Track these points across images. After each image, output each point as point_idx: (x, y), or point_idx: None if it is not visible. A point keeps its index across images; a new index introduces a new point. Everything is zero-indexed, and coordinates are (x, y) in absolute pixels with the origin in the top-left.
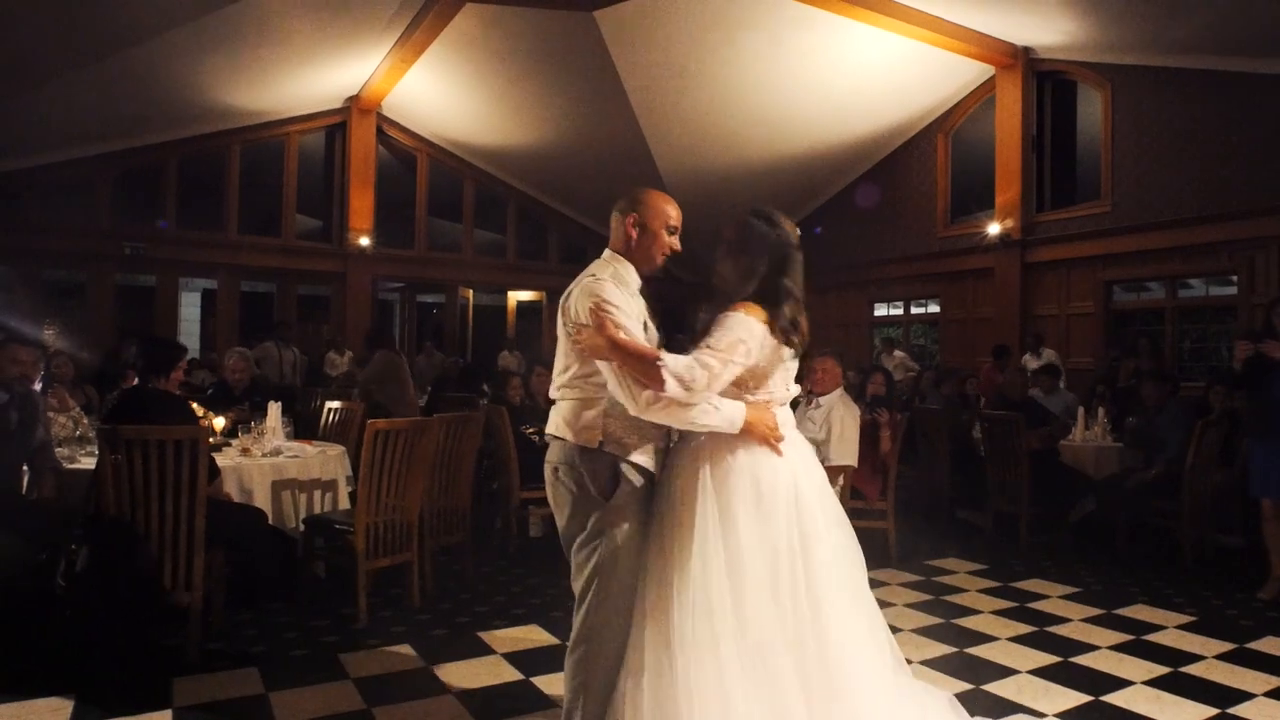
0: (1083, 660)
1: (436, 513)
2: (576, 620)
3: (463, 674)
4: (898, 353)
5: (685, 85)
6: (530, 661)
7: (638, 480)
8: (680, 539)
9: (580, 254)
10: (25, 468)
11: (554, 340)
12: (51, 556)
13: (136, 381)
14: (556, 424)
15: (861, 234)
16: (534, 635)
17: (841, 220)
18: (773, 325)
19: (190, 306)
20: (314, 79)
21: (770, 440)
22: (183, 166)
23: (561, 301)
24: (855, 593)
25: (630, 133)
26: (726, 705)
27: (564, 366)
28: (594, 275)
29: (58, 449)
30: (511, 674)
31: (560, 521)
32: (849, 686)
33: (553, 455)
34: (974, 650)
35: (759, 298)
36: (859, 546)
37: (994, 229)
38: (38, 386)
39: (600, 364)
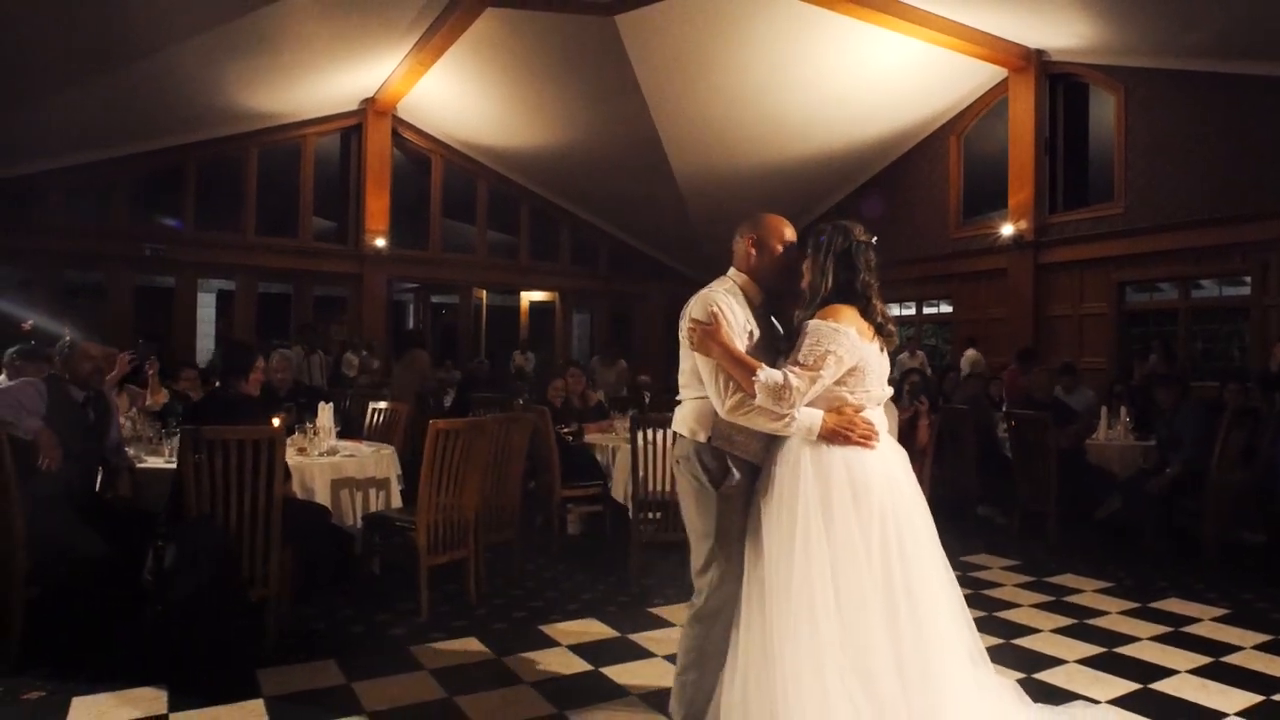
0: (1126, 651)
1: (488, 510)
2: (697, 600)
3: (534, 665)
4: (919, 353)
5: (701, 88)
6: (596, 652)
7: (743, 468)
8: (780, 535)
9: (592, 254)
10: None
11: (566, 341)
12: (136, 553)
13: (219, 384)
14: (678, 421)
15: (874, 233)
16: (593, 629)
17: (855, 220)
18: (864, 323)
19: (206, 308)
20: (331, 82)
21: (855, 440)
22: (201, 169)
23: (683, 310)
24: (945, 586)
25: (645, 135)
26: (825, 703)
27: (684, 370)
28: (712, 288)
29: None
30: (580, 664)
31: (683, 510)
32: (942, 683)
33: (676, 450)
34: (1020, 641)
35: (845, 297)
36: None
37: (1007, 230)
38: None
39: (700, 364)
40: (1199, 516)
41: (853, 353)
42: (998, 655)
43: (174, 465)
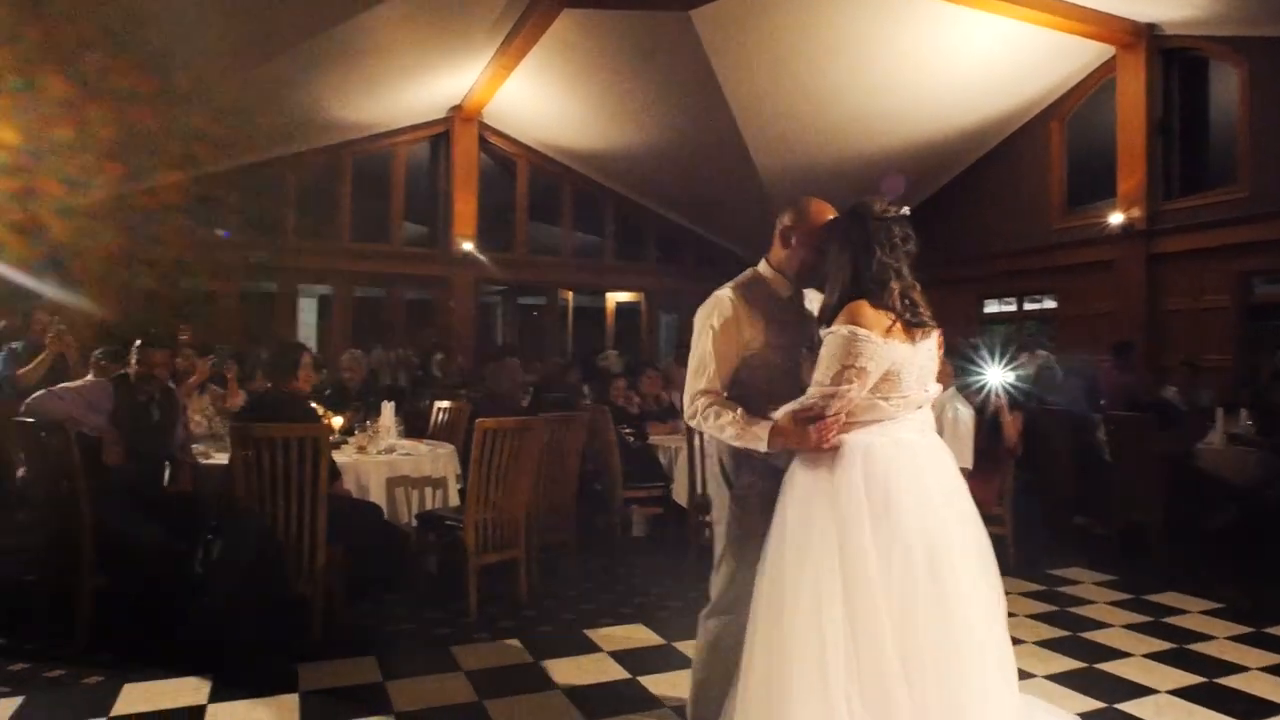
0: (1231, 682)
1: (541, 511)
2: (711, 595)
3: (571, 671)
4: (1040, 352)
5: (783, 80)
6: (637, 660)
7: (762, 471)
8: (791, 546)
9: (677, 254)
10: (166, 462)
11: (653, 341)
12: (190, 546)
13: (270, 385)
14: None
15: (969, 227)
16: (640, 635)
17: (948, 213)
18: (885, 318)
19: (308, 312)
20: (419, 91)
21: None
22: (300, 178)
23: None
24: (986, 604)
25: (727, 130)
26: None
27: None
28: (727, 286)
29: (194, 445)
30: (619, 672)
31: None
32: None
33: (708, 445)
34: (1105, 666)
35: (863, 289)
36: (993, 555)
37: (1116, 219)
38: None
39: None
40: None
41: (879, 360)
42: (1077, 681)
43: None
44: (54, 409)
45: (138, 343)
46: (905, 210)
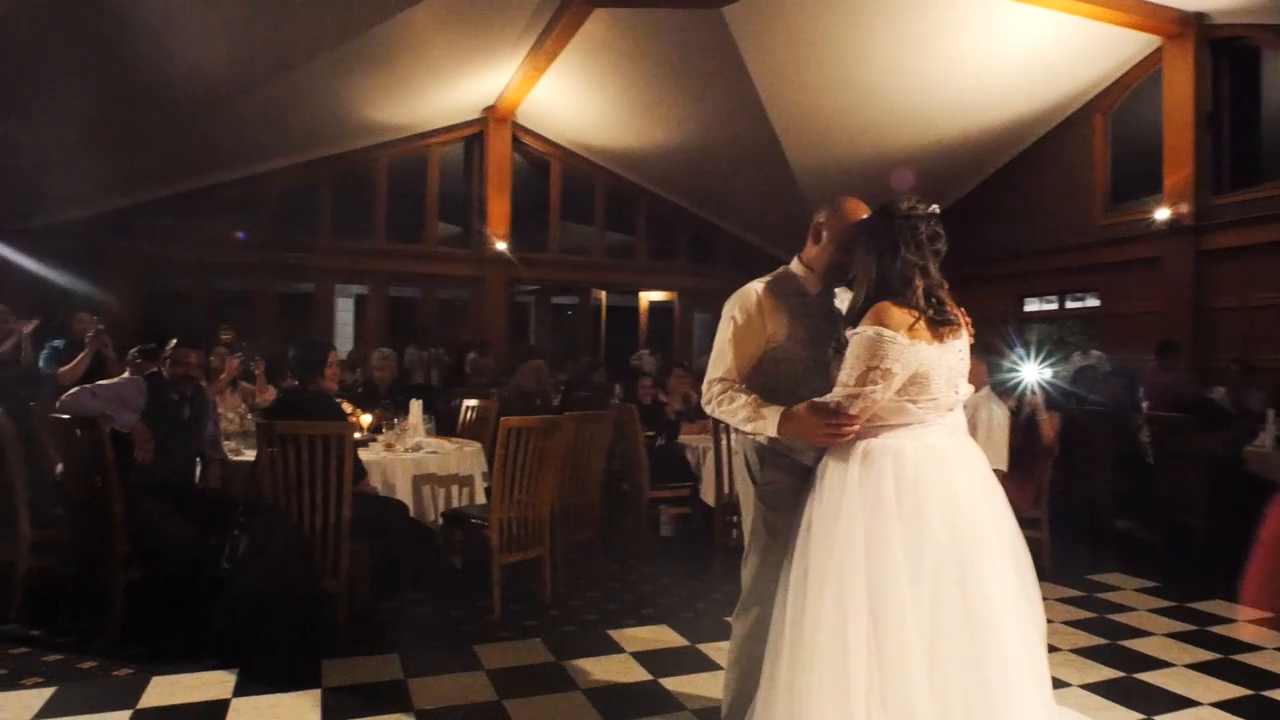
0: (1279, 695)
1: (567, 509)
2: (742, 591)
3: (592, 671)
4: (1094, 352)
5: (816, 76)
6: (660, 662)
7: (788, 469)
8: (814, 549)
9: (710, 253)
10: (198, 459)
11: (686, 340)
12: (219, 542)
13: (297, 383)
14: None
15: (1009, 223)
16: (664, 636)
17: (987, 210)
18: (909, 317)
19: (345, 311)
20: (452, 92)
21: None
22: (336, 180)
23: None
24: (1020, 614)
25: (760, 128)
26: None
27: None
28: (760, 280)
29: (225, 442)
30: (641, 674)
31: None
32: None
33: (734, 442)
34: (1145, 676)
35: (888, 289)
36: (1030, 562)
37: (1162, 214)
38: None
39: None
40: None
41: (905, 361)
42: (1116, 691)
43: None
44: (88, 406)
45: (173, 342)
46: (934, 208)
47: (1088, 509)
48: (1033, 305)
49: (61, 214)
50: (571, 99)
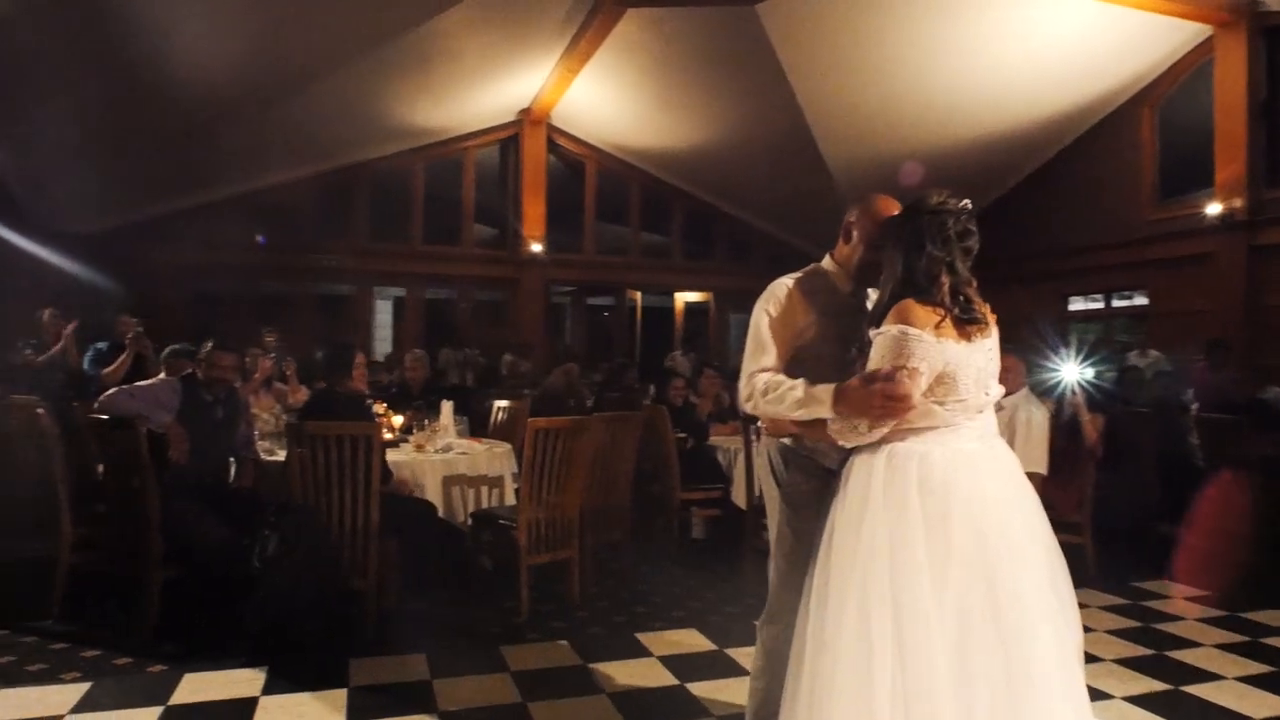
0: None
1: (596, 511)
2: (768, 596)
3: (618, 675)
4: (1153, 352)
5: (853, 72)
6: (686, 666)
7: (812, 472)
8: (836, 558)
9: (747, 253)
10: (231, 459)
11: (722, 341)
12: (250, 541)
13: (324, 384)
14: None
15: (1053, 220)
16: (691, 639)
17: (1031, 206)
18: (934, 315)
19: (384, 313)
20: (488, 96)
21: (886, 413)
22: (373, 184)
23: None
24: (1054, 626)
25: (796, 127)
26: None
27: None
28: (790, 275)
29: (260, 442)
30: (667, 678)
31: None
32: None
33: (760, 444)
34: (1192, 689)
35: (913, 287)
36: (1066, 572)
37: (1213, 209)
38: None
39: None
40: None
41: (932, 359)
42: (1161, 705)
43: None
44: (125, 406)
45: (208, 345)
46: (965, 203)
47: (1133, 513)
48: (1078, 304)
49: (106, 219)
50: (606, 100)
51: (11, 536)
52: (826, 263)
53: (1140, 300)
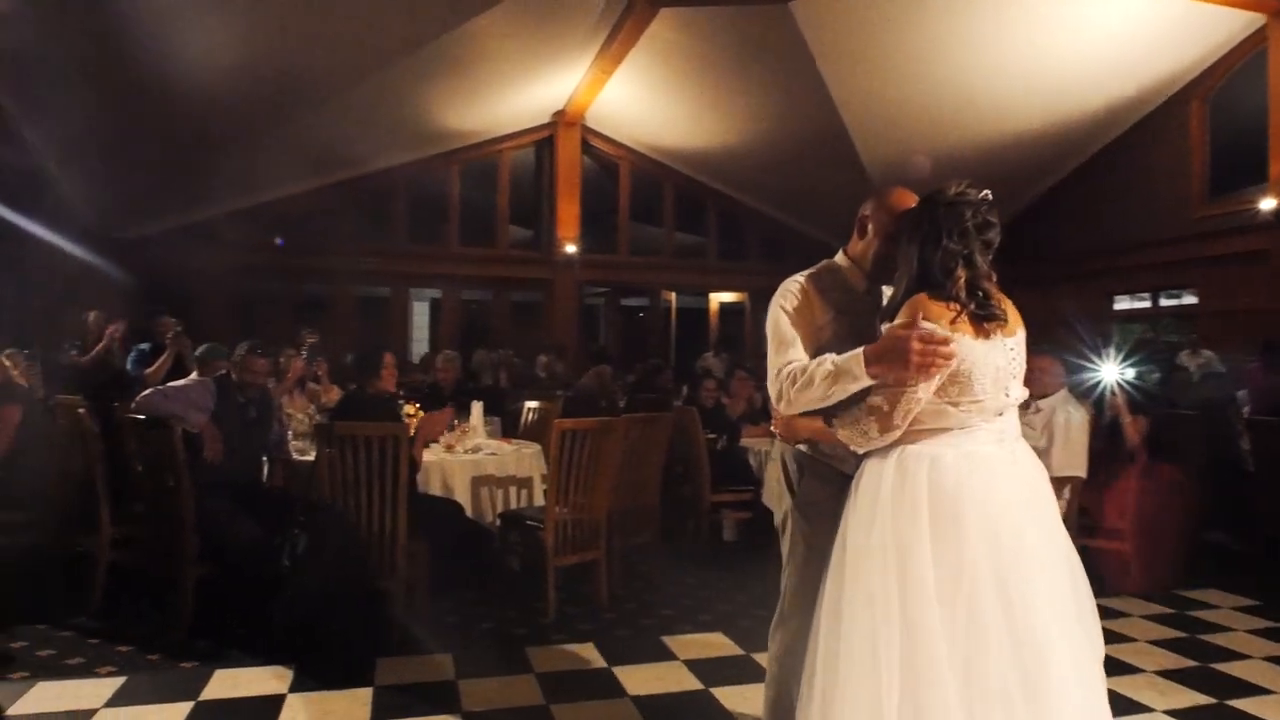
0: None
1: (625, 512)
2: (779, 606)
3: (643, 679)
4: (1205, 352)
5: (889, 69)
6: (712, 671)
7: (828, 479)
8: (855, 555)
9: (781, 253)
10: (264, 459)
11: (758, 341)
12: (281, 540)
13: (355, 385)
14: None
15: (1098, 217)
16: (718, 643)
17: (1076, 203)
18: (948, 310)
19: (420, 315)
20: (523, 98)
21: (914, 364)
22: (410, 187)
23: None
24: (1072, 637)
25: (831, 125)
26: None
27: None
28: (803, 273)
29: (294, 442)
30: (692, 683)
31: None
32: None
33: (773, 449)
34: (1239, 703)
35: (928, 281)
36: (1085, 581)
37: (1267, 205)
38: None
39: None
40: None
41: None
42: (1203, 719)
43: None
44: (160, 407)
45: (241, 347)
46: (985, 194)
47: (1180, 519)
48: (1123, 303)
49: (151, 224)
50: (639, 101)
51: (57, 533)
52: (840, 258)
53: (1189, 299)
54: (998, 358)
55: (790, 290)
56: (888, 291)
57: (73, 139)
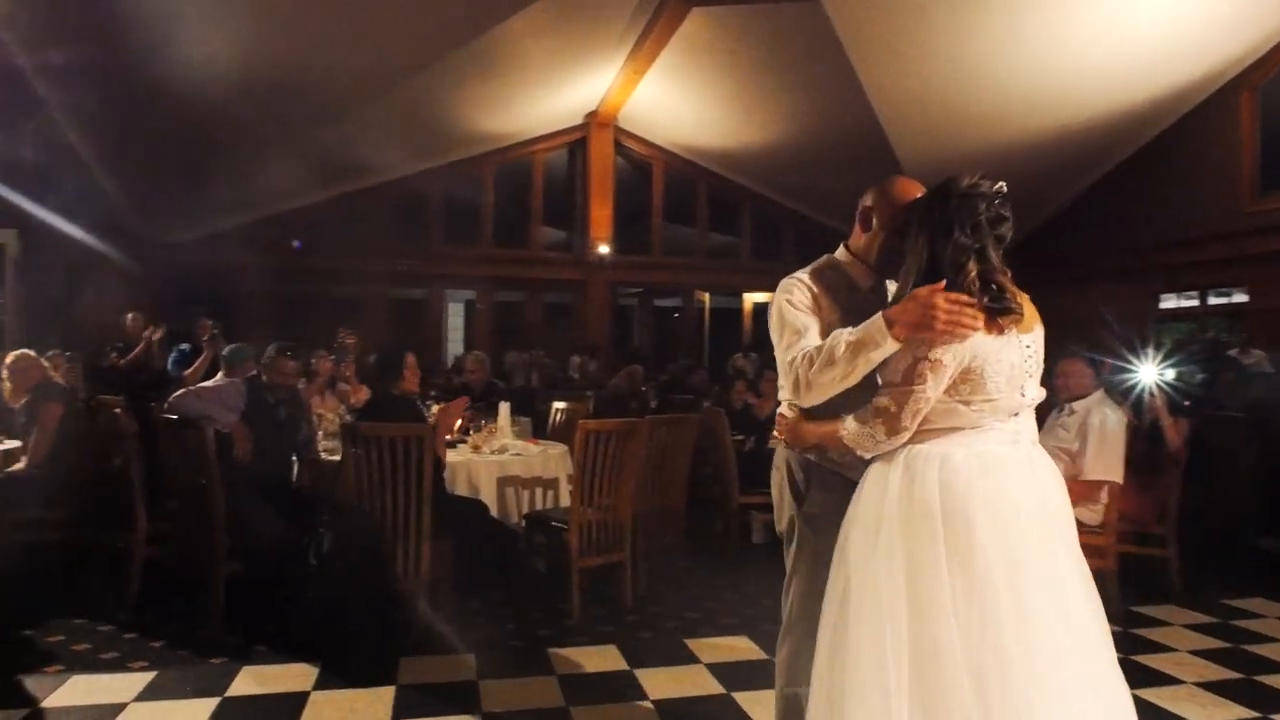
0: None
1: (651, 514)
2: (785, 610)
3: (664, 682)
4: (1256, 351)
5: (924, 64)
6: (734, 675)
7: (835, 488)
8: (860, 560)
9: (815, 252)
10: (294, 459)
11: None
12: (307, 538)
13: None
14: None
15: (1143, 213)
16: (741, 646)
17: (1118, 199)
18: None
19: (455, 316)
20: (555, 99)
21: (940, 329)
22: (444, 190)
23: None
24: (1087, 646)
25: (866, 122)
26: None
27: None
28: (804, 270)
29: (324, 442)
30: (714, 686)
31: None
32: None
33: (776, 455)
34: None
35: (937, 276)
36: (1094, 589)
37: None
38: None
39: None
40: None
41: (958, 350)
42: None
43: None
44: (192, 407)
45: (271, 350)
46: (1000, 186)
47: (1226, 526)
48: (1169, 302)
49: (194, 230)
50: (671, 101)
51: (95, 530)
52: (841, 253)
53: (1239, 297)
54: (1012, 354)
55: (793, 286)
56: (893, 287)
57: (116, 148)
